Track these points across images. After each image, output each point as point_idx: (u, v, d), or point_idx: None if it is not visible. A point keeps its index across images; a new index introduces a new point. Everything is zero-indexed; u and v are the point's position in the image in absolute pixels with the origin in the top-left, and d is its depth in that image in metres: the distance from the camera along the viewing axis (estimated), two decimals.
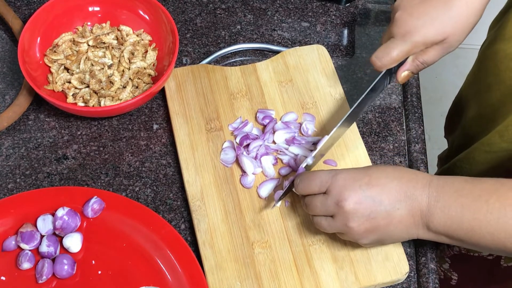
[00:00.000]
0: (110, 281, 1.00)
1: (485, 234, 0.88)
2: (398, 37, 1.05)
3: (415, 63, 1.07)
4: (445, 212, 0.90)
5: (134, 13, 1.22)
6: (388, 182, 0.93)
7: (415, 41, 1.04)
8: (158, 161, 1.13)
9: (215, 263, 1.02)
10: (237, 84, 1.19)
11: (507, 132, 1.12)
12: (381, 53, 1.06)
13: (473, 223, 0.88)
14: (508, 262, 1.21)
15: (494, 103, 1.18)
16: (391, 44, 1.05)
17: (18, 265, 1.01)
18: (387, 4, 1.33)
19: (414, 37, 1.03)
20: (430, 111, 1.54)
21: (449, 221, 0.90)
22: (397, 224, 0.93)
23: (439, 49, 1.05)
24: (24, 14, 1.29)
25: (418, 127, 1.18)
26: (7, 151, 1.13)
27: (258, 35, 1.28)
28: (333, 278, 1.01)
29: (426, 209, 0.91)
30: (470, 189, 0.90)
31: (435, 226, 0.91)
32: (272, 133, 1.13)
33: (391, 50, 1.05)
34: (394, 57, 1.05)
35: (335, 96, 1.18)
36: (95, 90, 1.15)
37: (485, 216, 0.88)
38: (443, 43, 1.04)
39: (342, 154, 1.12)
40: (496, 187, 0.88)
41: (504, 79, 1.15)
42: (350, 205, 0.93)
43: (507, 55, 1.14)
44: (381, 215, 0.93)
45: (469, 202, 0.89)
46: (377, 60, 1.06)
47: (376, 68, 1.08)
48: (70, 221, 1.02)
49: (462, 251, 1.25)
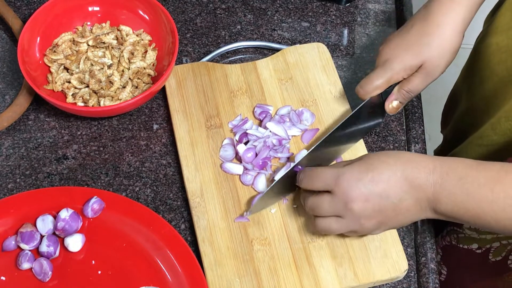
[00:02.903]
0: (110, 281, 1.00)
1: (490, 221, 0.90)
2: (379, 66, 1.10)
3: (401, 92, 1.11)
4: (451, 200, 0.91)
5: (134, 13, 1.22)
6: (392, 175, 0.93)
7: (394, 68, 1.09)
8: (158, 161, 1.13)
9: (215, 259, 1.01)
10: (237, 81, 1.19)
11: (499, 124, 1.14)
12: (364, 82, 1.11)
13: (479, 210, 0.90)
14: (496, 257, 1.21)
15: (487, 96, 1.20)
16: (373, 73, 1.11)
17: (18, 265, 1.00)
18: (387, 4, 1.33)
19: (392, 64, 1.09)
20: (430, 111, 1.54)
21: (455, 207, 0.91)
22: (405, 212, 0.95)
23: (420, 76, 1.09)
24: (24, 14, 1.29)
25: (418, 127, 1.18)
26: (7, 151, 1.13)
27: (258, 35, 1.28)
28: (332, 275, 1.01)
29: (432, 196, 0.92)
30: (475, 176, 0.90)
31: (442, 211, 0.93)
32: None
33: (373, 78, 1.10)
34: (375, 84, 1.10)
35: (335, 94, 1.18)
36: (95, 90, 1.15)
37: (490, 205, 0.89)
38: (422, 69, 1.08)
39: (342, 155, 1.12)
40: (500, 175, 0.89)
41: (497, 71, 1.16)
42: (358, 205, 0.94)
43: (499, 48, 1.16)
44: (390, 207, 0.94)
45: (474, 191, 0.90)
46: (361, 89, 1.11)
47: (360, 96, 1.12)
48: (72, 223, 1.02)
49: (453, 242, 1.26)
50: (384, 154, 0.97)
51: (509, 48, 1.14)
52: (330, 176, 0.96)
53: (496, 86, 1.17)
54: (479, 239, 1.21)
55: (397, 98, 1.11)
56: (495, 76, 1.17)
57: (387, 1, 1.34)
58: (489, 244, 1.20)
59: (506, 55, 1.14)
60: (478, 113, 1.22)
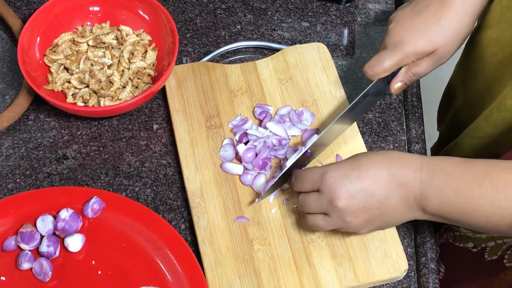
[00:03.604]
0: (110, 281, 1.00)
1: (479, 217, 0.89)
2: (390, 47, 1.08)
3: (408, 74, 1.10)
4: (438, 197, 0.91)
5: (134, 13, 1.22)
6: (378, 172, 0.93)
7: (406, 51, 1.07)
8: (158, 161, 1.13)
9: (215, 260, 1.01)
10: (237, 81, 1.19)
11: (491, 115, 1.13)
12: (373, 62, 1.09)
13: (467, 207, 0.89)
14: (492, 256, 1.21)
15: (481, 89, 1.19)
16: (383, 54, 1.08)
17: (18, 265, 1.00)
18: (387, 4, 1.33)
19: (405, 47, 1.07)
20: (430, 111, 1.54)
21: (443, 205, 0.91)
22: (392, 211, 0.94)
23: (430, 61, 1.08)
24: (24, 14, 1.29)
25: (418, 127, 1.18)
26: (7, 151, 1.13)
27: (258, 35, 1.28)
28: (332, 275, 1.01)
29: (419, 194, 0.92)
30: (462, 172, 0.90)
31: (430, 209, 0.92)
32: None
33: (383, 59, 1.08)
34: (385, 66, 1.08)
35: (335, 94, 1.18)
36: (95, 90, 1.15)
37: (478, 200, 0.88)
38: (434, 54, 1.07)
39: (342, 154, 1.11)
40: (488, 170, 0.89)
41: (489, 64, 1.16)
42: (343, 202, 0.93)
43: (491, 40, 1.15)
44: (375, 205, 0.93)
45: (461, 187, 0.89)
46: (369, 69, 1.09)
47: (368, 77, 1.10)
48: (72, 223, 1.02)
49: (449, 239, 1.26)
50: (372, 153, 0.97)
51: (499, 41, 1.13)
52: (317, 174, 0.97)
53: (489, 80, 1.16)
54: (474, 238, 1.21)
55: (403, 80, 1.10)
56: (487, 70, 1.16)
57: (387, 1, 1.34)
58: (485, 244, 1.20)
59: (497, 48, 1.13)
60: (473, 107, 1.22)
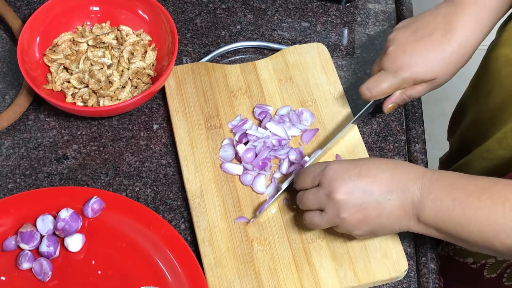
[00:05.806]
0: (110, 281, 1.00)
1: (473, 230, 0.88)
2: (389, 71, 1.08)
3: (402, 96, 1.11)
4: (436, 204, 0.90)
5: (134, 13, 1.22)
6: (380, 173, 0.93)
7: (405, 78, 1.07)
8: (158, 161, 1.13)
9: (215, 260, 1.01)
10: (236, 81, 1.19)
11: (506, 139, 1.12)
12: (372, 85, 1.10)
13: (463, 218, 0.89)
14: (491, 274, 1.20)
15: (494, 108, 1.17)
16: (382, 77, 1.09)
17: (18, 265, 1.00)
18: (387, 4, 1.33)
19: (405, 73, 1.07)
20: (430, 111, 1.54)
21: (439, 213, 0.90)
22: (388, 215, 0.94)
23: (427, 86, 1.09)
24: (24, 14, 1.29)
25: (418, 127, 1.18)
26: (7, 151, 1.13)
27: (258, 35, 1.28)
28: (332, 275, 1.00)
29: (418, 200, 0.92)
30: (464, 184, 0.90)
31: (425, 218, 0.92)
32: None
33: (381, 83, 1.09)
34: (384, 90, 1.09)
35: (335, 94, 1.18)
36: (94, 90, 1.15)
37: (475, 212, 0.88)
38: (432, 82, 1.08)
39: (342, 154, 1.11)
40: (490, 184, 0.89)
41: (505, 84, 1.14)
42: (340, 196, 0.93)
43: (508, 60, 1.13)
44: (372, 205, 0.93)
45: (461, 197, 0.89)
46: (367, 91, 1.10)
47: (364, 98, 1.11)
48: (72, 223, 1.02)
49: (450, 253, 1.25)
50: (376, 158, 0.98)
51: None
52: (319, 168, 0.97)
53: (504, 99, 1.14)
54: (474, 253, 1.19)
55: (396, 101, 1.11)
56: (503, 89, 1.14)
57: (387, 1, 1.34)
58: (484, 260, 1.19)
59: None
60: (484, 125, 1.20)
